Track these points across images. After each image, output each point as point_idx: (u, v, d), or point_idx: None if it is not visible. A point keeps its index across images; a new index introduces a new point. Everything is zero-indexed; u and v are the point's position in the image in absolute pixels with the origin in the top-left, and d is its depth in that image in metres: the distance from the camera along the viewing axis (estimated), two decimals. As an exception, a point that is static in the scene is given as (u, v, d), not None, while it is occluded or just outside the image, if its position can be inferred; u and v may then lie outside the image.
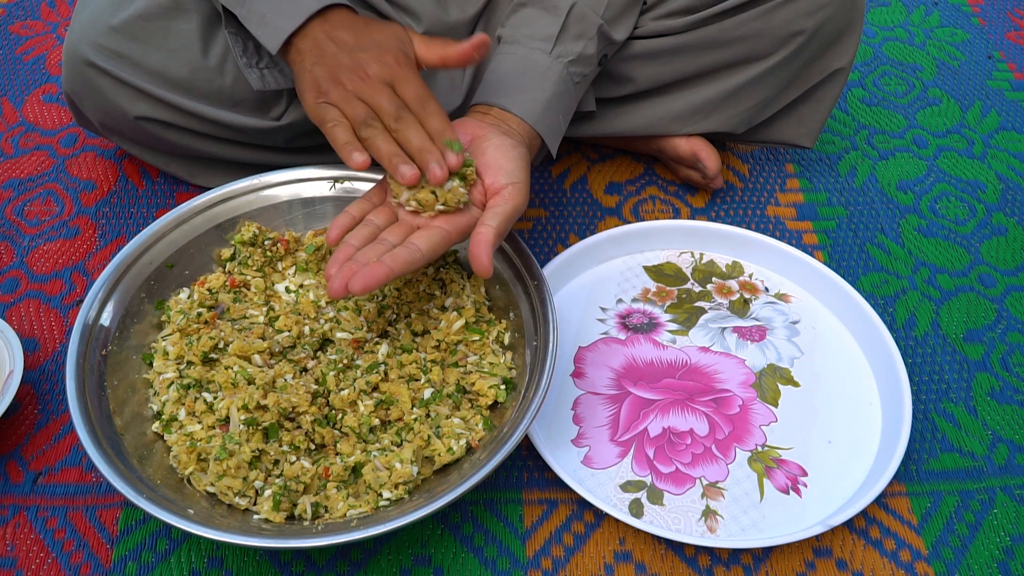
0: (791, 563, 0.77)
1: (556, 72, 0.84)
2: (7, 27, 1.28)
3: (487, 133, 0.77)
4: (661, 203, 1.06)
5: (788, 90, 0.99)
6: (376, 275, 0.67)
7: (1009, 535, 0.79)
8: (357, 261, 0.69)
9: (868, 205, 1.07)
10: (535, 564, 0.76)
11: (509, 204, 0.73)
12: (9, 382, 0.79)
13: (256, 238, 0.86)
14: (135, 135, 0.97)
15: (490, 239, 0.70)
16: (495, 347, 0.81)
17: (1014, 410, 0.88)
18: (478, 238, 0.71)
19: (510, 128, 0.80)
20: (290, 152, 0.99)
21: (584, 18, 0.86)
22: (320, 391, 0.76)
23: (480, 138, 0.76)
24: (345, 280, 0.67)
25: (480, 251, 0.70)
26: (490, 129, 0.77)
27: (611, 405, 0.85)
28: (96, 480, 0.80)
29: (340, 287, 0.67)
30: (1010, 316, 0.96)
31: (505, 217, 0.72)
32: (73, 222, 1.02)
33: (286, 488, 0.71)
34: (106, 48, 0.90)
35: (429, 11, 0.94)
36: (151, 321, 0.82)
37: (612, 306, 0.94)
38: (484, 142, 0.76)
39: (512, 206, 0.73)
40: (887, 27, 1.35)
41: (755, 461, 0.82)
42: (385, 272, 0.67)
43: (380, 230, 0.73)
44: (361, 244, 0.71)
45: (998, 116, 1.20)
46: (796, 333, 0.92)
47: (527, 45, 0.84)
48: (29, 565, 0.75)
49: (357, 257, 0.69)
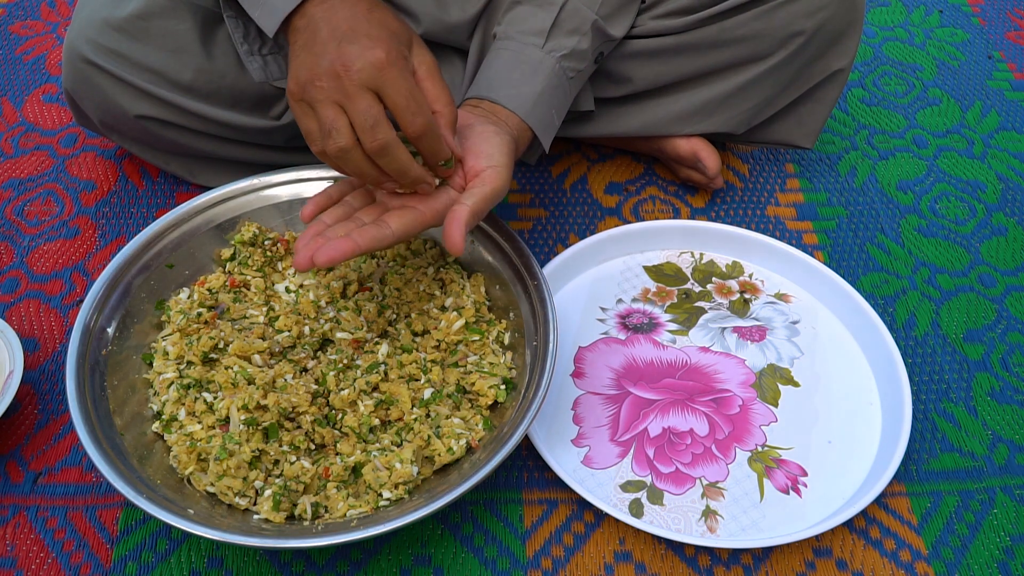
0: (791, 563, 0.77)
1: (548, 66, 0.84)
2: (7, 27, 1.28)
3: (472, 122, 0.76)
4: (661, 203, 1.06)
5: (788, 90, 0.99)
6: (342, 248, 0.67)
7: (1009, 535, 0.79)
8: (325, 236, 0.69)
9: (868, 205, 1.07)
10: (535, 564, 0.76)
11: (488, 186, 0.72)
12: (9, 382, 0.79)
13: (256, 238, 0.86)
14: (135, 134, 0.97)
15: (464, 217, 0.69)
16: (495, 347, 0.81)
17: (1014, 410, 0.88)
18: (452, 215, 0.70)
19: (498, 119, 0.80)
20: (290, 151, 0.99)
21: (578, 13, 0.86)
22: (320, 391, 0.76)
23: (465, 127, 0.76)
24: (311, 253, 0.67)
25: (453, 229, 0.69)
26: (476, 118, 0.77)
27: (611, 405, 0.85)
28: (96, 480, 0.80)
29: (305, 259, 0.67)
30: (1010, 316, 0.96)
31: (482, 198, 0.71)
32: (73, 222, 1.02)
33: (286, 488, 0.71)
34: (105, 47, 0.90)
35: (429, 11, 0.94)
36: (151, 321, 0.82)
37: (612, 306, 0.94)
38: (468, 130, 0.75)
39: (491, 188, 0.72)
40: (887, 27, 1.35)
41: (755, 461, 0.82)
42: (351, 246, 0.67)
43: (355, 210, 0.73)
44: (334, 222, 0.71)
45: (998, 116, 1.20)
46: (796, 333, 0.92)
47: (520, 40, 0.85)
48: (29, 565, 0.75)
49: (327, 233, 0.70)
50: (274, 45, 0.84)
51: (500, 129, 0.77)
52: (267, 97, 0.93)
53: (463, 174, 0.74)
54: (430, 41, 0.98)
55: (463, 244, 0.69)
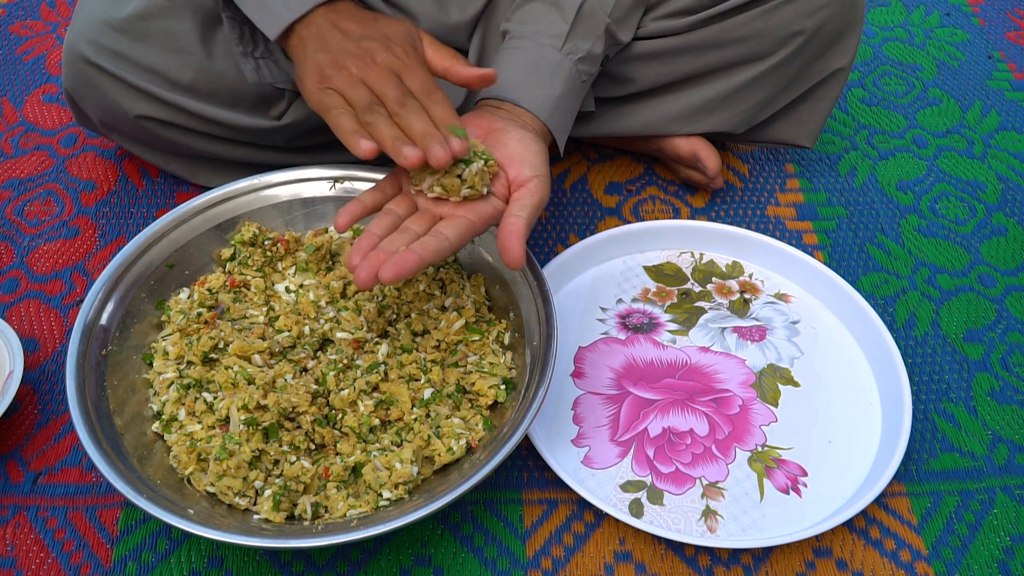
0: (791, 563, 0.77)
1: (566, 69, 0.84)
2: (7, 27, 1.28)
3: (505, 126, 0.76)
4: (661, 203, 1.06)
5: (788, 90, 0.99)
6: (408, 263, 0.65)
7: (1009, 535, 0.79)
8: (383, 250, 0.67)
9: (868, 205, 1.07)
10: (535, 564, 0.76)
11: (536, 196, 0.72)
12: (9, 382, 0.79)
13: (256, 238, 0.86)
14: (135, 134, 0.97)
15: (521, 229, 0.70)
16: (495, 347, 0.81)
17: (1014, 410, 0.88)
18: (509, 228, 0.70)
19: (525, 123, 0.80)
20: (290, 152, 0.99)
21: (594, 16, 0.85)
22: (320, 391, 0.76)
23: (499, 131, 0.75)
24: (374, 269, 0.65)
25: (512, 242, 0.69)
26: (507, 122, 0.77)
27: (611, 405, 0.85)
28: (96, 480, 0.80)
29: (369, 276, 0.65)
30: (1010, 316, 0.96)
31: (533, 208, 0.71)
32: (73, 222, 1.02)
33: (286, 488, 0.71)
34: (105, 47, 0.90)
35: (429, 12, 0.94)
36: (151, 321, 0.82)
37: (612, 306, 0.94)
38: (504, 135, 0.75)
39: (539, 198, 0.72)
40: (887, 27, 1.35)
41: (755, 461, 0.82)
42: (416, 260, 0.66)
43: (401, 219, 0.71)
44: (384, 233, 0.69)
45: (998, 116, 1.20)
46: (796, 333, 0.92)
47: (537, 41, 0.84)
48: (29, 565, 0.75)
49: (383, 246, 0.68)
50: (265, 50, 0.84)
51: (536, 135, 0.76)
52: (267, 97, 0.93)
53: (507, 182, 0.74)
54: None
55: (523, 256, 0.69)
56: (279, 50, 0.80)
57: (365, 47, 0.71)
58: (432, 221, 0.71)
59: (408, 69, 0.71)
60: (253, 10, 0.75)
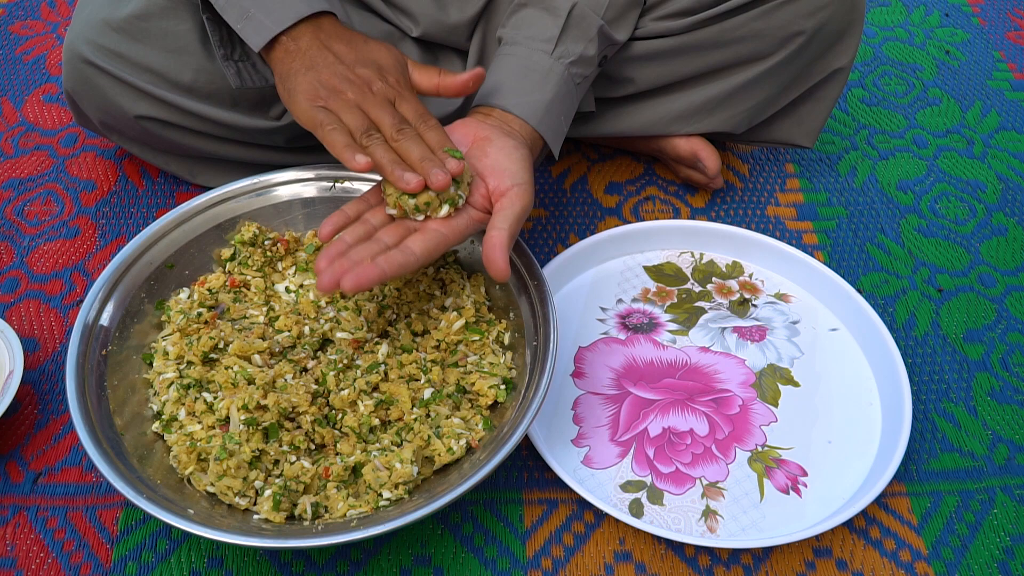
0: (791, 563, 0.77)
1: (557, 73, 0.84)
2: (7, 27, 1.28)
3: (490, 135, 0.77)
4: (661, 203, 1.06)
5: (788, 90, 0.99)
6: (368, 275, 0.67)
7: (1009, 535, 0.79)
8: (349, 259, 0.69)
9: (868, 205, 1.07)
10: (535, 564, 0.76)
11: (517, 205, 0.73)
12: (9, 382, 0.79)
13: (256, 238, 0.86)
14: (135, 134, 0.97)
15: (504, 241, 0.71)
16: (495, 347, 0.81)
17: (1014, 410, 0.88)
18: (492, 242, 0.71)
19: (512, 130, 0.80)
20: (290, 152, 0.99)
21: (585, 19, 0.85)
22: (320, 391, 0.76)
23: (483, 140, 0.76)
24: (336, 277, 0.67)
25: (496, 255, 0.70)
26: (492, 131, 0.77)
27: (611, 405, 0.86)
28: (96, 480, 0.80)
29: (331, 282, 0.67)
30: (1010, 316, 0.96)
31: (515, 218, 0.72)
32: (73, 222, 1.02)
33: (286, 488, 0.71)
34: (105, 48, 0.90)
35: (428, 12, 0.94)
36: (151, 321, 0.82)
37: (612, 306, 0.94)
38: (487, 144, 0.76)
39: (520, 207, 0.73)
40: (887, 27, 1.35)
41: (755, 461, 0.82)
42: (377, 273, 0.67)
43: (376, 229, 0.72)
44: (355, 241, 0.71)
45: (998, 116, 1.20)
46: (796, 333, 0.92)
47: (528, 46, 0.84)
48: (29, 565, 0.75)
49: (350, 254, 0.69)
50: (243, 52, 0.84)
51: (518, 143, 0.77)
52: (267, 97, 0.93)
53: (486, 192, 0.74)
54: (429, 41, 0.98)
55: (507, 269, 0.71)
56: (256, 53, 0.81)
57: (360, 74, 0.74)
58: (405, 233, 0.72)
59: (402, 97, 0.74)
60: (237, 19, 0.77)
